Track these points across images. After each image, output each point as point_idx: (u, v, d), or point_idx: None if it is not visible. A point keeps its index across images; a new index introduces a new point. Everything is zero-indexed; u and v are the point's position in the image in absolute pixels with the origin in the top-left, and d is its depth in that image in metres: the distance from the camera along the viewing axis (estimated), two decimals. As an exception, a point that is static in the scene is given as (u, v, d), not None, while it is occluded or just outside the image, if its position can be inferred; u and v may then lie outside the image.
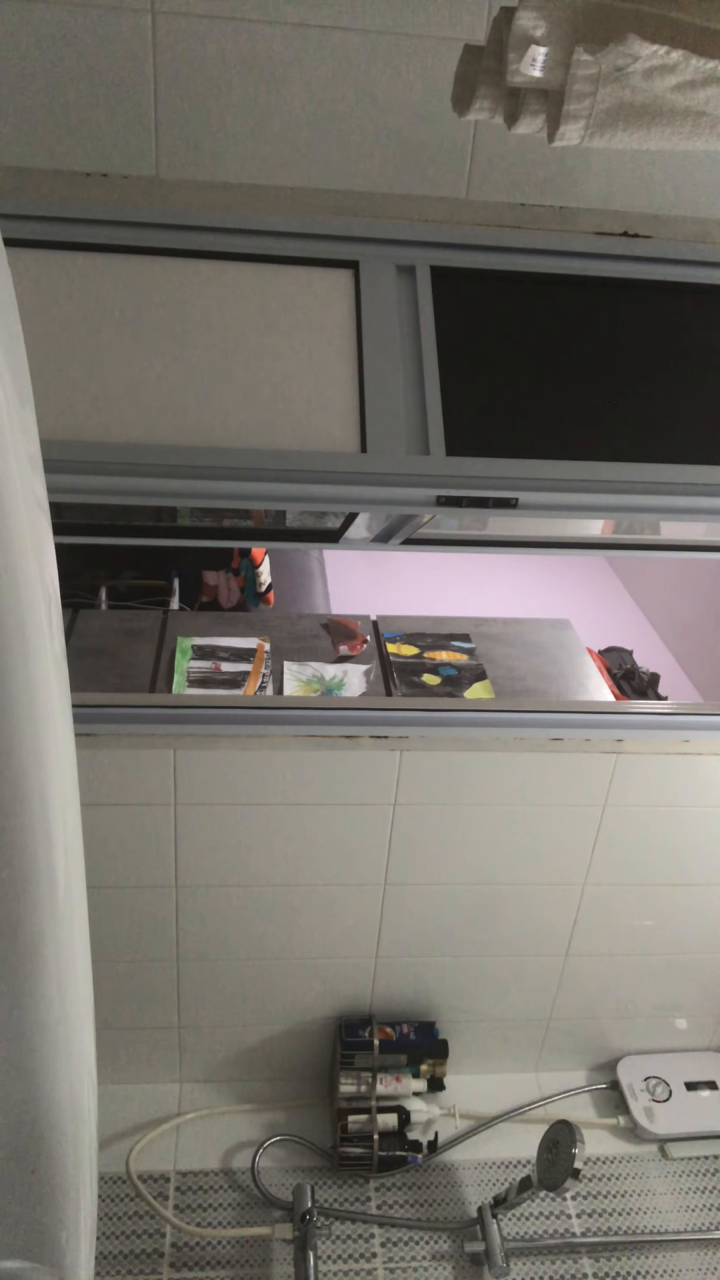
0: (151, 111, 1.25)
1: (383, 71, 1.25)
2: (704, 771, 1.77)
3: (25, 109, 1.23)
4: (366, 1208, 1.91)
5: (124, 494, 1.18)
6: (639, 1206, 1.95)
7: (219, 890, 1.83)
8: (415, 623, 2.27)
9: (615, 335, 1.36)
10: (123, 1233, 1.82)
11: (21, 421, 0.52)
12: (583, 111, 0.81)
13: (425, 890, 1.89)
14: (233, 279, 1.31)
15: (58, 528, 0.62)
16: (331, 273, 1.34)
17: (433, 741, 1.68)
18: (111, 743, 1.61)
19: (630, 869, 1.90)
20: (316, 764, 1.69)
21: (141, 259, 1.30)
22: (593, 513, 1.35)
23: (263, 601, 2.65)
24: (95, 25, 1.18)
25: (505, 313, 1.36)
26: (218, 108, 1.25)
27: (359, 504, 1.24)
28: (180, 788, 1.68)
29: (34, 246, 1.28)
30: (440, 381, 1.27)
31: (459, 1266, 1.82)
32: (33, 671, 0.53)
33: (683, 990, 2.10)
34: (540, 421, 1.28)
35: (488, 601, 3.13)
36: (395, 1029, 2.03)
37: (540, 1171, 1.68)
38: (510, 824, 1.81)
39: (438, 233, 1.36)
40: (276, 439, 1.21)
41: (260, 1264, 1.80)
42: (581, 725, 1.69)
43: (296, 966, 1.97)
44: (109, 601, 2.51)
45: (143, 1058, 2.06)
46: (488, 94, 0.86)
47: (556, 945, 2.00)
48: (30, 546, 0.52)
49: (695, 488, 1.25)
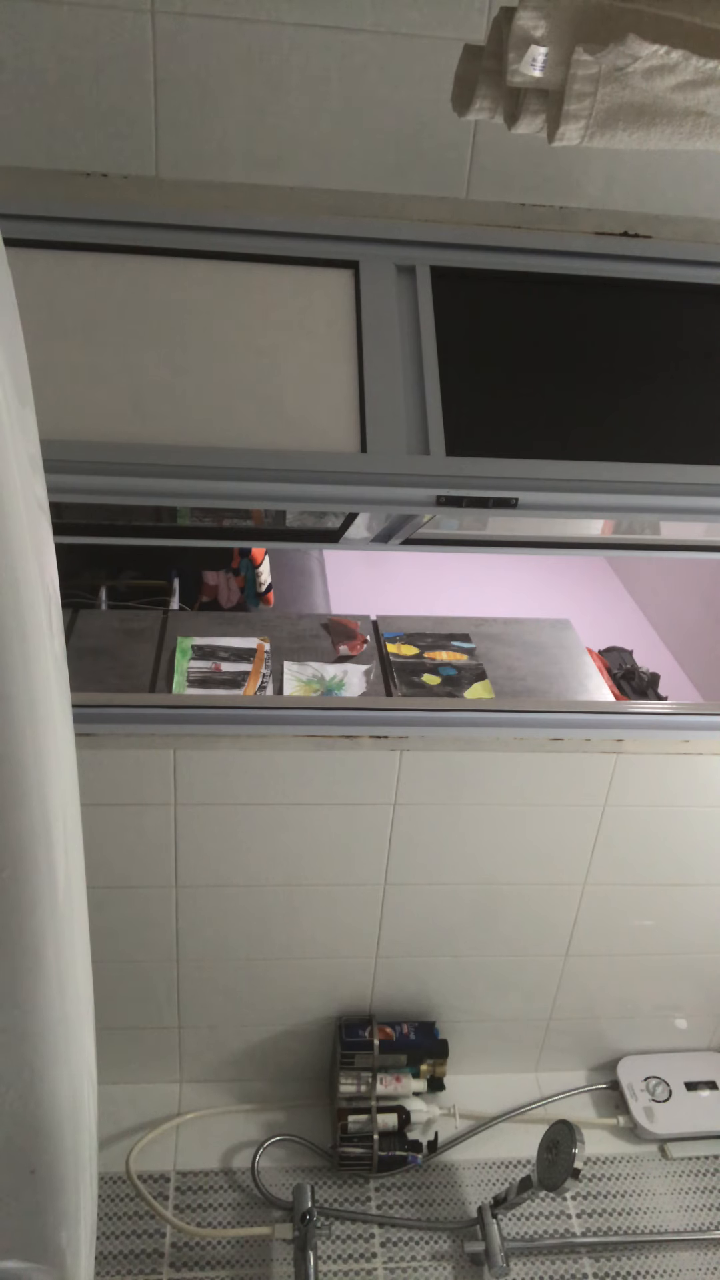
0: (151, 111, 1.25)
1: (383, 71, 1.25)
2: (704, 771, 1.77)
3: (25, 109, 1.23)
4: (366, 1208, 1.91)
5: (124, 494, 1.18)
6: (639, 1206, 1.95)
7: (219, 890, 1.83)
8: (415, 623, 2.28)
9: (615, 335, 1.36)
10: (123, 1233, 1.82)
11: (21, 421, 0.52)
12: (583, 111, 0.81)
13: (425, 890, 1.89)
14: (233, 279, 1.31)
15: (58, 528, 0.62)
16: (331, 273, 1.34)
17: (433, 741, 1.68)
18: (111, 743, 1.61)
19: (630, 869, 1.90)
20: (316, 764, 1.69)
21: (141, 259, 1.30)
22: (593, 513, 1.35)
23: (263, 601, 2.65)
24: (95, 25, 1.19)
25: (505, 313, 1.36)
26: (218, 108, 1.25)
27: (359, 504, 1.24)
28: (180, 788, 1.68)
29: (34, 246, 1.28)
30: (440, 381, 1.27)
31: (459, 1266, 1.82)
32: (33, 671, 0.53)
33: (683, 990, 2.10)
34: (540, 421, 1.28)
35: (488, 601, 3.13)
36: (395, 1029, 2.03)
37: (540, 1171, 1.68)
38: (510, 824, 1.81)
39: (438, 233, 1.36)
40: (276, 439, 1.21)
41: (260, 1264, 1.80)
42: (581, 725, 1.70)
43: (296, 966, 1.97)
44: (109, 601, 2.51)
45: (143, 1058, 2.06)
46: (488, 94, 0.86)
47: (556, 945, 2.00)
48: (30, 546, 0.52)
49: (695, 488, 1.25)
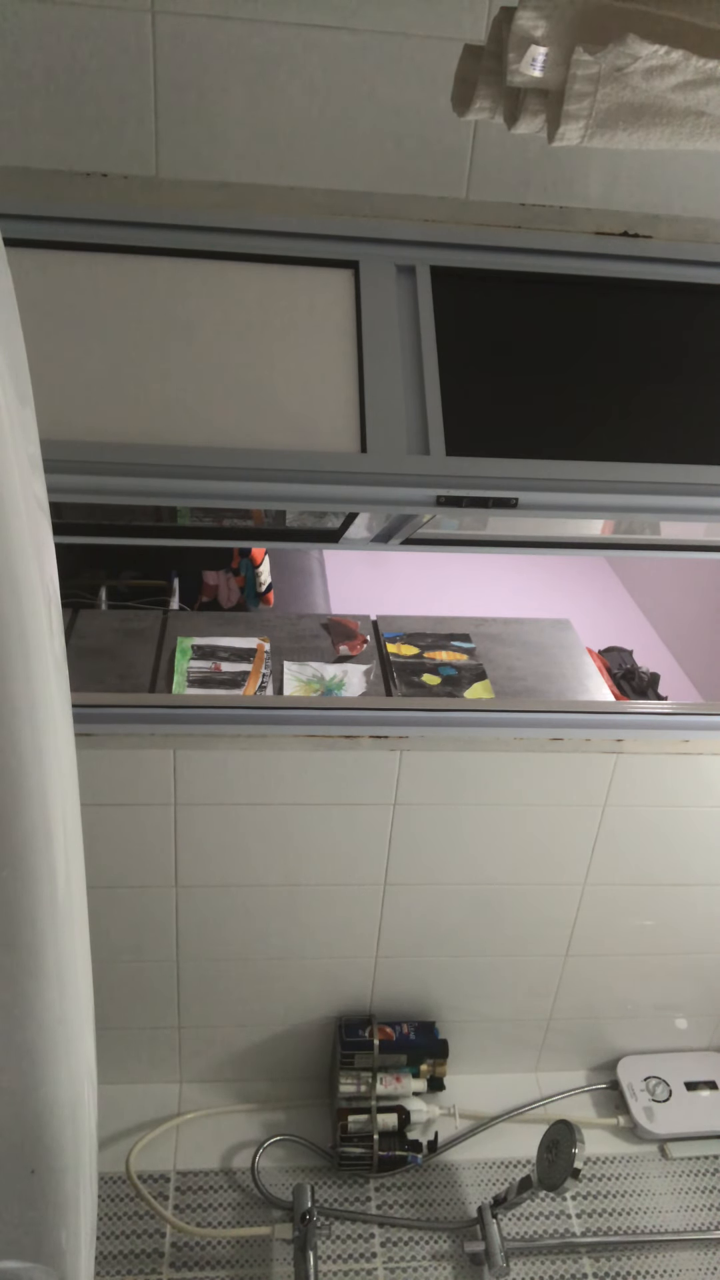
0: (151, 111, 1.25)
1: (383, 71, 1.25)
2: (704, 771, 1.77)
3: (25, 109, 1.23)
4: (366, 1208, 1.91)
5: (124, 494, 1.18)
6: (639, 1206, 1.95)
7: (219, 890, 1.83)
8: (415, 623, 2.27)
9: (615, 335, 1.36)
10: (123, 1233, 1.82)
11: (21, 421, 0.52)
12: (583, 111, 0.81)
13: (425, 890, 1.89)
14: (233, 279, 1.31)
15: (58, 528, 0.62)
16: (331, 273, 1.34)
17: (433, 741, 1.68)
18: (111, 743, 1.61)
19: (630, 869, 1.90)
20: (316, 764, 1.69)
21: (141, 259, 1.30)
22: (593, 513, 1.35)
23: (263, 601, 2.65)
24: (95, 25, 1.18)
25: (505, 313, 1.36)
26: (217, 107, 1.25)
27: (359, 504, 1.24)
28: (180, 788, 1.68)
29: (34, 246, 1.28)
30: (440, 381, 1.27)
31: (459, 1266, 1.82)
32: (33, 671, 0.53)
33: (683, 990, 2.10)
34: (540, 421, 1.28)
35: (488, 601, 3.14)
36: (395, 1029, 2.03)
37: (540, 1171, 1.68)
38: (510, 824, 1.81)
39: (438, 233, 1.36)
40: (276, 439, 1.21)
41: (260, 1264, 1.80)
42: (581, 725, 1.69)
43: (296, 966, 1.97)
44: (109, 601, 2.51)
45: (143, 1058, 2.06)
46: (488, 94, 0.86)
47: (556, 945, 2.00)
48: (30, 546, 0.52)
49: (695, 488, 1.25)
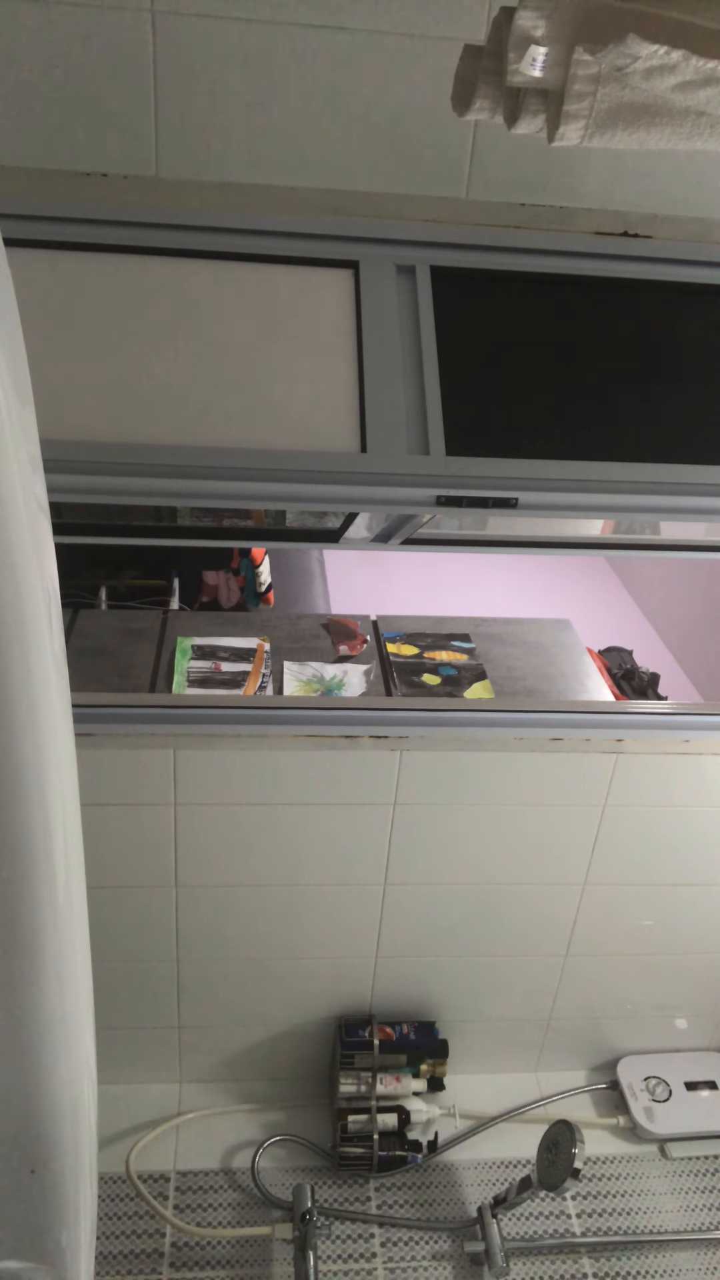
0: (151, 111, 1.25)
1: (383, 71, 1.25)
2: (704, 771, 1.77)
3: (25, 109, 1.23)
4: (366, 1208, 1.91)
5: (124, 494, 1.18)
6: (639, 1206, 1.95)
7: (219, 890, 1.83)
8: (415, 623, 2.27)
9: (615, 335, 1.36)
10: (123, 1233, 1.82)
11: (21, 421, 0.52)
12: (583, 111, 0.81)
13: (425, 890, 1.89)
14: (233, 279, 1.31)
15: (58, 528, 0.62)
16: (331, 273, 1.34)
17: (433, 741, 1.68)
18: (111, 743, 1.61)
19: (630, 869, 1.90)
20: (316, 764, 1.69)
21: (141, 259, 1.30)
22: (593, 513, 1.35)
23: (263, 601, 2.65)
24: (95, 25, 1.18)
25: (505, 313, 1.36)
26: (217, 107, 1.25)
27: (359, 504, 1.24)
28: (180, 788, 1.68)
29: (34, 246, 1.28)
30: (440, 381, 1.27)
31: (459, 1266, 1.82)
32: (33, 671, 0.53)
33: (683, 990, 2.10)
34: (540, 421, 1.28)
35: (488, 601, 3.13)
36: (395, 1029, 2.03)
37: (540, 1171, 1.68)
38: (510, 824, 1.81)
39: (438, 233, 1.36)
40: (276, 439, 1.21)
41: (260, 1264, 1.80)
42: (581, 725, 1.69)
43: (296, 966, 1.97)
44: (109, 601, 2.51)
45: (143, 1058, 2.06)
46: (487, 94, 0.86)
47: (556, 945, 2.00)
48: (30, 546, 0.52)
49: (695, 488, 1.25)
